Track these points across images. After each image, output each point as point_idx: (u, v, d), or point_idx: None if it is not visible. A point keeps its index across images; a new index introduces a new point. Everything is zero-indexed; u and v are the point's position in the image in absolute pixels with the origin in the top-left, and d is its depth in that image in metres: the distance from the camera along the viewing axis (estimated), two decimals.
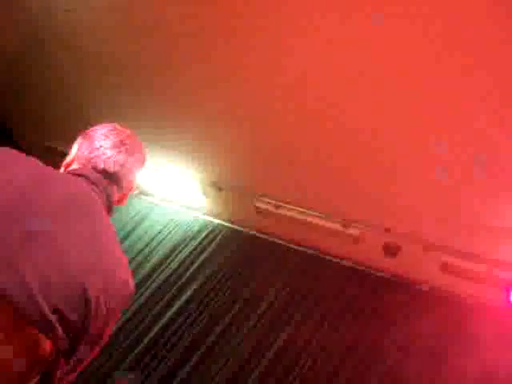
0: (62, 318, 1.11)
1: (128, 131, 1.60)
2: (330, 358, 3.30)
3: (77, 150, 1.55)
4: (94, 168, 1.46)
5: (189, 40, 3.18)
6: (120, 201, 1.55)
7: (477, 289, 3.20)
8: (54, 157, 4.69)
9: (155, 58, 3.51)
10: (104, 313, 1.19)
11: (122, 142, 1.52)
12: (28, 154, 1.37)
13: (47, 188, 1.26)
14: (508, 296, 3.04)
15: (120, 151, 1.49)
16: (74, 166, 1.50)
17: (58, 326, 1.11)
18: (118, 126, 1.60)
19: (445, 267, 3.25)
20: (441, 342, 3.15)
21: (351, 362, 3.25)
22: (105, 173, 1.45)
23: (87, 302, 1.15)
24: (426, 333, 3.19)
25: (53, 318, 1.09)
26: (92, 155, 1.50)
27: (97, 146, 1.50)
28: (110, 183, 1.45)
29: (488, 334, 3.03)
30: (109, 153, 1.48)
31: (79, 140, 1.58)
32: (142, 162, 1.58)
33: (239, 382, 3.37)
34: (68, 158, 1.55)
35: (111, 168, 1.46)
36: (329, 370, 3.25)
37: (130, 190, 1.57)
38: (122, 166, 1.48)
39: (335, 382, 3.18)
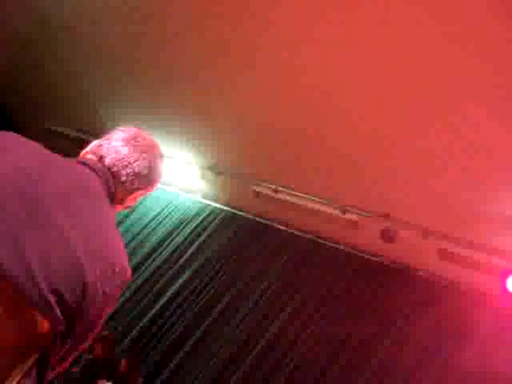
0: (61, 300, 1.12)
1: (149, 137, 1.57)
2: (327, 343, 3.33)
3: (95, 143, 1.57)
4: (99, 158, 1.47)
5: (189, 26, 3.15)
6: (123, 200, 1.51)
7: (474, 276, 3.22)
8: (53, 138, 4.70)
9: (155, 43, 3.49)
10: (100, 298, 1.20)
11: (133, 138, 1.49)
12: (28, 135, 1.37)
13: (51, 172, 1.27)
14: (504, 283, 3.06)
15: (125, 145, 1.46)
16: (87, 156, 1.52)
17: (56, 307, 1.11)
18: (141, 130, 1.59)
19: (442, 254, 3.26)
20: (437, 329, 3.16)
21: (349, 347, 3.28)
22: (104, 161, 1.41)
23: (85, 285, 1.16)
24: (422, 321, 3.21)
25: (51, 298, 1.10)
26: (100, 143, 1.51)
27: (107, 137, 1.49)
28: (110, 174, 1.41)
29: (484, 321, 3.05)
30: (114, 143, 1.46)
31: None
32: (153, 166, 1.53)
33: (236, 363, 3.40)
34: (85, 149, 1.56)
35: (110, 156, 1.42)
36: (326, 355, 3.28)
37: (134, 191, 1.50)
38: (121, 157, 1.44)
39: (333, 366, 3.21)
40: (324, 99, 3.02)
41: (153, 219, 4.70)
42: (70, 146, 1.55)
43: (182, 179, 4.65)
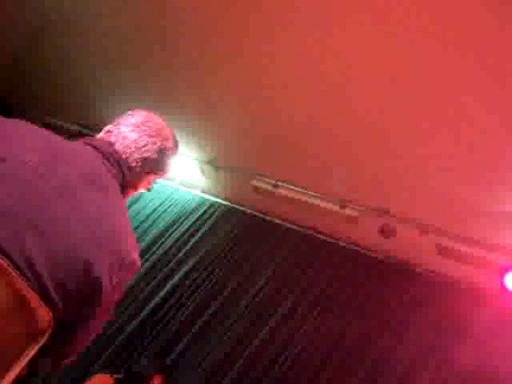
0: (62, 288, 1.12)
1: (158, 118, 1.54)
2: (323, 340, 3.34)
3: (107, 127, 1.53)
4: (109, 142, 1.43)
5: (190, 17, 3.14)
6: (134, 185, 1.50)
7: (472, 272, 3.23)
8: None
9: (155, 34, 3.47)
10: (109, 289, 1.19)
11: (142, 123, 1.46)
12: None
13: (59, 164, 1.25)
14: (502, 280, 3.07)
15: (133, 130, 1.44)
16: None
17: (55, 294, 1.10)
18: (152, 114, 1.53)
19: (440, 250, 3.27)
20: (436, 326, 3.17)
21: (349, 341, 3.29)
22: (114, 147, 1.41)
23: (93, 277, 1.15)
24: (420, 317, 3.22)
25: (50, 285, 1.09)
26: (110, 128, 1.49)
27: (117, 121, 1.49)
28: (120, 159, 1.40)
29: (481, 318, 3.06)
30: (123, 129, 1.45)
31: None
32: (163, 149, 1.48)
33: (231, 360, 3.41)
34: (99, 134, 1.53)
35: (118, 142, 1.42)
36: (322, 352, 3.29)
37: (145, 176, 1.49)
38: (129, 143, 1.42)
39: (333, 360, 3.22)
40: (324, 96, 3.02)
41: (152, 213, 4.70)
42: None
43: (182, 173, 4.65)
